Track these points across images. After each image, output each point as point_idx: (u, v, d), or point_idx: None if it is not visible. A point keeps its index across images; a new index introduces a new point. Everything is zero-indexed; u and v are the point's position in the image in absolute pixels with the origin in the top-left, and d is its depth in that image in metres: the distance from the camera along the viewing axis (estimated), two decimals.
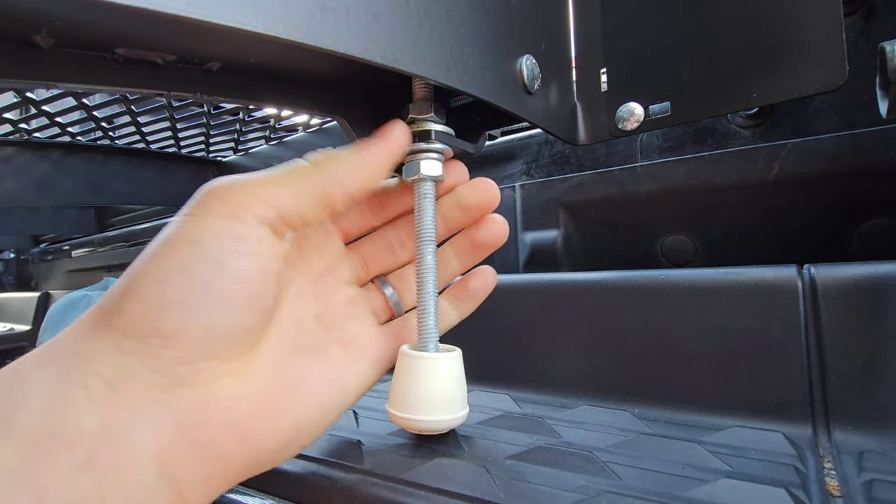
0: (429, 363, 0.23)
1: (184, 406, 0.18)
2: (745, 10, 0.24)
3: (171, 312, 0.18)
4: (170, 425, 0.18)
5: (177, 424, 0.18)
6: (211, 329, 0.19)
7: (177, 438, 0.18)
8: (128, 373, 0.18)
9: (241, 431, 0.19)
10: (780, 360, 0.26)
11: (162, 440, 0.18)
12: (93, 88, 0.20)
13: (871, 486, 0.19)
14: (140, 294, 0.18)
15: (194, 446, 0.18)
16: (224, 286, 0.19)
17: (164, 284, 0.18)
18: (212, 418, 0.19)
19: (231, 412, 0.19)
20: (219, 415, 0.19)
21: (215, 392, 0.19)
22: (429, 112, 0.24)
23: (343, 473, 0.23)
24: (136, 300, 0.18)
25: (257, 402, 0.20)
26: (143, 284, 0.18)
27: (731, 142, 0.39)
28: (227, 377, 0.20)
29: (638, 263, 0.43)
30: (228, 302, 0.19)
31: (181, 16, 0.12)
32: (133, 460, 0.17)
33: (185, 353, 0.18)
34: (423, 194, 0.25)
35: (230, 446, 0.19)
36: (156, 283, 0.18)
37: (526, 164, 0.50)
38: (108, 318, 0.18)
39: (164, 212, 1.07)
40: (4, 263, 1.46)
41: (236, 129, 0.74)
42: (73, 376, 0.17)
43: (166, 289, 0.18)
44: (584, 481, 0.20)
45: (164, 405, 0.18)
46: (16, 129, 0.69)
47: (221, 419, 0.19)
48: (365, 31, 0.17)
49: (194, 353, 0.18)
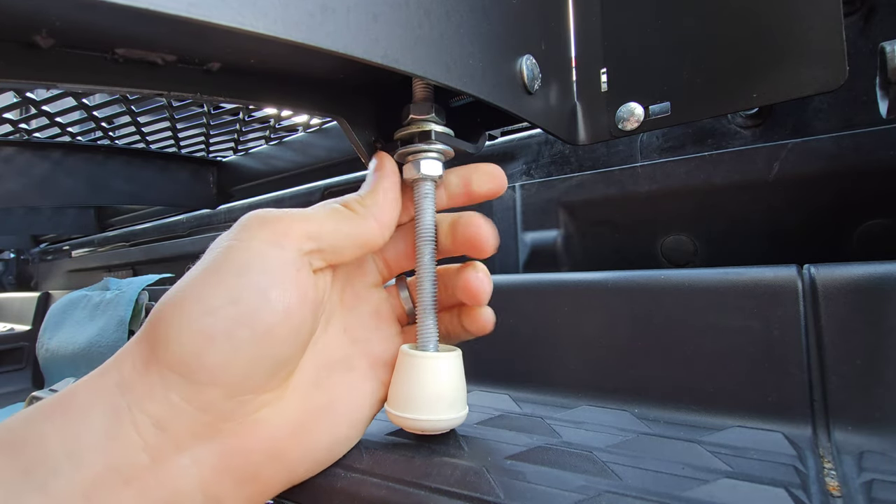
0: (429, 363, 0.23)
1: (226, 439, 0.19)
2: (745, 10, 0.24)
3: (217, 346, 0.18)
4: (213, 458, 0.19)
5: (220, 456, 0.19)
6: (253, 363, 0.19)
7: (220, 470, 0.19)
8: (174, 412, 0.18)
9: (279, 456, 0.20)
10: (780, 360, 0.26)
11: (206, 472, 0.19)
12: (93, 88, 0.20)
13: (871, 486, 0.19)
14: (186, 325, 0.19)
15: (237, 474, 0.19)
16: (268, 319, 0.19)
17: (211, 317, 0.18)
18: (252, 447, 0.20)
19: (270, 440, 0.20)
20: (259, 444, 0.20)
21: (256, 423, 0.20)
22: (429, 112, 0.24)
23: (343, 473, 0.23)
24: (181, 331, 0.18)
25: (293, 426, 0.21)
26: (191, 315, 0.19)
27: (731, 142, 0.39)
28: (266, 407, 0.20)
29: (638, 263, 0.43)
30: (271, 335, 0.19)
31: (181, 16, 0.12)
32: (181, 492, 0.18)
33: (228, 388, 0.19)
34: (423, 194, 0.25)
35: (269, 471, 0.20)
36: (203, 316, 0.18)
37: (526, 164, 0.50)
38: (154, 349, 0.19)
39: (164, 212, 1.07)
40: (4, 263, 1.46)
41: (236, 129, 0.74)
42: (124, 413, 0.18)
43: (213, 322, 0.18)
44: (584, 481, 0.20)
45: (208, 440, 0.19)
46: (16, 129, 0.69)
47: (261, 447, 0.20)
48: (365, 31, 0.17)
49: (237, 388, 0.19)
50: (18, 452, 0.17)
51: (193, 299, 0.19)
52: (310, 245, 0.21)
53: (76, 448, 0.17)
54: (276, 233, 0.20)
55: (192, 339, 0.18)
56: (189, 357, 0.18)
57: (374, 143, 0.27)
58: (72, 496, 0.17)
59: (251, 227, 0.20)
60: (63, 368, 0.81)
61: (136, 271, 1.04)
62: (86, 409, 0.18)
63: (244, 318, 0.19)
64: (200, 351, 0.18)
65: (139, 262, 1.02)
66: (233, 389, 0.19)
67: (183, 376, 0.18)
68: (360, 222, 0.22)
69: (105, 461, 0.17)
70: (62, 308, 0.88)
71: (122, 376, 0.19)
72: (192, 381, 0.18)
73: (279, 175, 0.82)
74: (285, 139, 0.80)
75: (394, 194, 0.24)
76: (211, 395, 0.19)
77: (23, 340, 1.00)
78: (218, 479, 0.19)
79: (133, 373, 0.19)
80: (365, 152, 0.26)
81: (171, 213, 1.04)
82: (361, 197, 0.23)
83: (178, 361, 0.18)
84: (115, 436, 0.18)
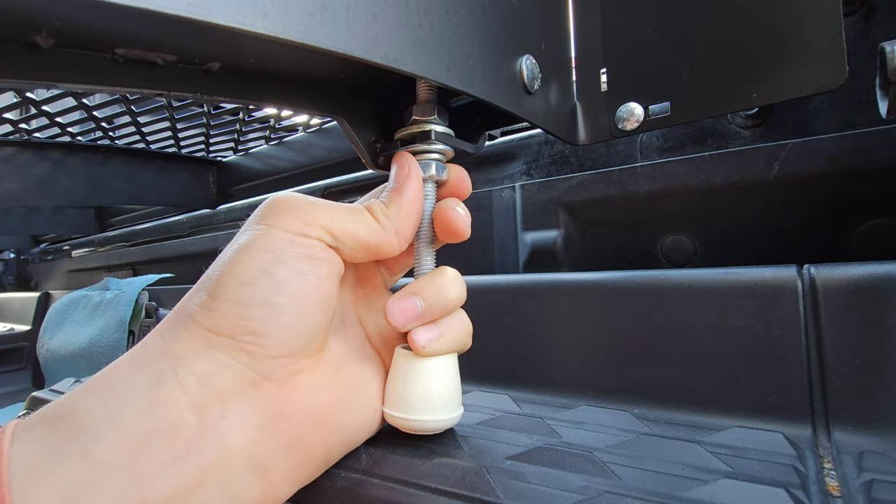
0: (424, 362, 0.23)
1: (269, 399, 0.20)
2: (745, 10, 0.24)
3: (257, 311, 0.20)
4: (258, 418, 0.19)
5: (264, 417, 0.20)
6: (290, 327, 0.20)
7: (265, 431, 0.20)
8: (219, 367, 0.19)
9: (320, 424, 0.21)
10: (780, 360, 0.26)
11: (251, 432, 0.19)
12: (93, 88, 0.20)
13: (871, 486, 0.19)
14: (226, 296, 0.20)
15: (281, 438, 0.20)
16: (300, 288, 0.20)
17: (249, 287, 0.20)
18: (294, 411, 0.20)
19: (310, 406, 0.21)
20: (301, 407, 0.21)
21: (296, 386, 0.21)
22: (432, 114, 0.24)
23: (343, 473, 0.23)
24: (222, 301, 0.20)
25: (331, 397, 0.22)
26: (228, 287, 0.20)
27: (731, 142, 0.39)
28: (304, 373, 0.21)
29: (638, 263, 0.43)
30: (304, 302, 0.20)
31: (181, 16, 0.12)
32: (227, 452, 0.19)
33: (269, 349, 0.20)
34: (425, 195, 0.25)
35: (312, 438, 0.21)
36: (240, 286, 0.20)
37: (526, 164, 0.50)
38: (196, 319, 0.20)
39: (164, 212, 1.07)
40: (4, 263, 1.47)
41: (236, 129, 0.74)
42: (169, 375, 0.19)
43: (251, 290, 0.20)
44: (584, 481, 0.20)
45: (252, 399, 0.20)
46: (16, 129, 0.69)
47: (303, 412, 0.21)
48: (365, 31, 0.17)
49: (277, 350, 0.20)
50: (59, 422, 0.17)
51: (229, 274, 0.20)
52: (325, 237, 0.22)
53: (118, 413, 0.17)
54: (300, 220, 0.21)
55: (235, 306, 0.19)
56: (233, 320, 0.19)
57: (374, 144, 0.27)
58: (114, 460, 0.17)
59: (272, 213, 0.21)
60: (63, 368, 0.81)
61: (136, 271, 1.04)
62: (129, 376, 0.19)
63: (279, 287, 0.20)
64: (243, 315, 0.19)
65: (139, 262, 1.02)
66: (273, 350, 0.20)
67: (229, 336, 0.19)
68: (380, 234, 0.23)
69: (149, 424, 0.18)
70: (62, 308, 0.89)
71: (165, 344, 0.20)
72: (237, 340, 0.19)
73: (279, 175, 0.82)
74: (285, 139, 0.80)
75: (418, 206, 0.24)
76: (254, 351, 0.19)
77: (23, 340, 1.00)
78: (263, 441, 0.19)
79: (176, 340, 0.19)
80: (365, 152, 0.26)
81: (171, 213, 1.04)
82: (387, 206, 0.23)
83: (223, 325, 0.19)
84: (159, 398, 0.18)
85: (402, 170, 0.24)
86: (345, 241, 0.22)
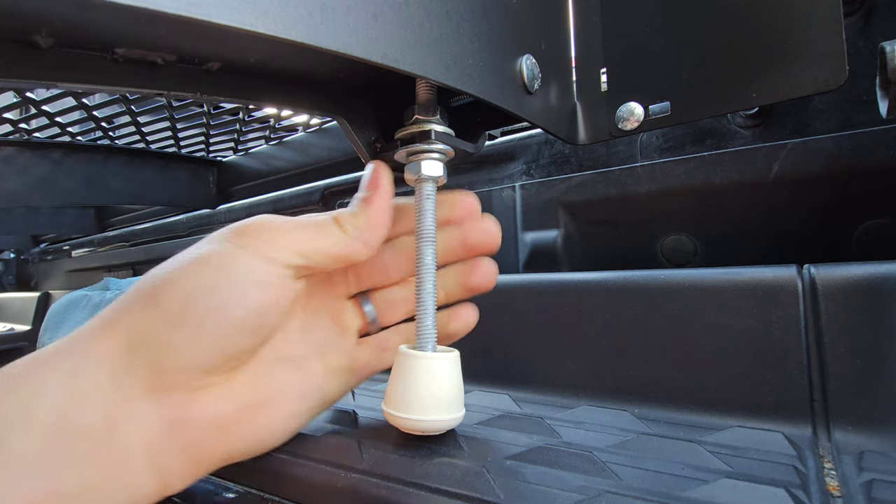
0: (427, 363, 0.23)
1: (174, 407, 0.20)
2: (745, 10, 0.24)
3: (188, 327, 0.20)
4: (160, 423, 0.20)
5: (166, 422, 0.20)
6: (215, 348, 0.21)
7: (165, 435, 0.20)
8: (131, 372, 0.19)
9: (220, 432, 0.21)
10: (780, 360, 0.26)
11: (154, 436, 0.20)
12: (93, 88, 0.20)
13: (871, 486, 0.19)
14: (164, 303, 0.20)
15: (180, 442, 0.21)
16: (240, 313, 0.21)
17: (189, 301, 0.20)
18: (196, 419, 0.21)
19: (214, 416, 0.21)
20: (203, 417, 0.21)
21: (202, 398, 0.21)
22: (433, 114, 0.24)
23: (343, 473, 0.23)
24: (158, 307, 0.20)
25: (237, 408, 0.22)
26: (170, 295, 0.20)
27: (731, 142, 0.39)
28: (214, 386, 0.21)
29: (638, 263, 0.43)
30: (238, 327, 0.21)
31: (181, 16, 0.12)
32: (129, 453, 0.19)
33: (187, 363, 0.20)
34: (425, 195, 0.25)
35: (210, 444, 0.21)
36: (181, 298, 0.20)
37: (526, 164, 0.50)
38: (124, 321, 0.20)
39: (164, 212, 1.07)
40: (4, 263, 1.46)
41: (236, 129, 0.74)
42: (86, 371, 0.19)
43: (189, 305, 0.20)
44: (584, 481, 0.20)
45: (158, 405, 0.20)
46: (16, 129, 0.69)
47: (205, 421, 0.21)
48: (365, 31, 0.17)
49: (194, 365, 0.20)
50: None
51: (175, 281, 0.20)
52: (296, 260, 0.22)
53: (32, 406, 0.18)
54: (266, 242, 0.21)
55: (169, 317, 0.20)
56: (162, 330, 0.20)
57: (374, 143, 0.27)
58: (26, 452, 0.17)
59: (243, 234, 0.22)
60: None
61: (136, 271, 1.03)
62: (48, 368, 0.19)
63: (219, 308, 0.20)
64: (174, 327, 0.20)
65: (139, 262, 1.02)
66: (189, 365, 0.20)
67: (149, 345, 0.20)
68: (348, 243, 0.23)
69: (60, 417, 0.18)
70: (62, 308, 0.88)
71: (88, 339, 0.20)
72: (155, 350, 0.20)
73: (279, 175, 0.82)
74: (285, 139, 0.80)
75: (386, 215, 0.24)
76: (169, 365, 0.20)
77: (23, 340, 1.00)
78: (161, 444, 0.20)
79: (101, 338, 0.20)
80: (365, 152, 0.26)
81: (171, 213, 1.04)
82: (354, 216, 0.24)
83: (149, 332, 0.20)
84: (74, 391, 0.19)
85: (371, 179, 0.25)
86: (314, 258, 0.22)
